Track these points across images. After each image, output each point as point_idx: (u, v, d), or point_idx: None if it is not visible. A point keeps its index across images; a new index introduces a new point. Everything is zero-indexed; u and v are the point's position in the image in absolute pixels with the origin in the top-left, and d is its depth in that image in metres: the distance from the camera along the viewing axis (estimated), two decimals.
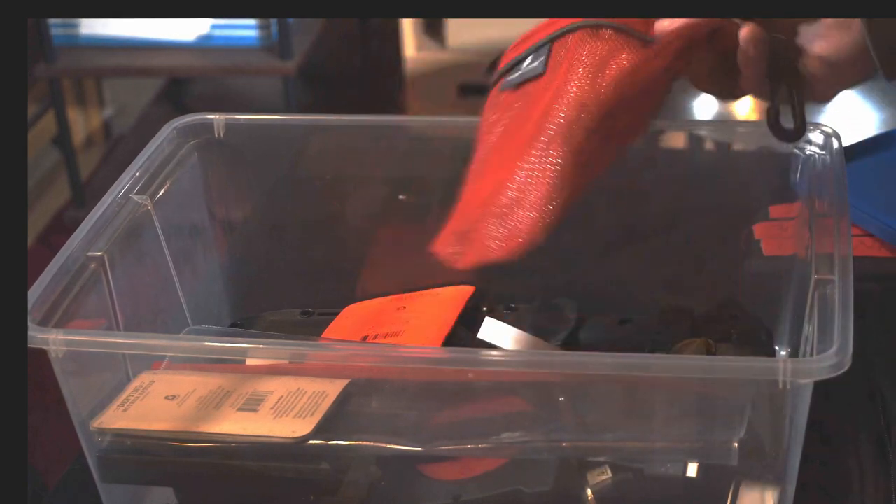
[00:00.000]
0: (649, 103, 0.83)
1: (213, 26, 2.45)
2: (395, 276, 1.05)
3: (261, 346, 0.81)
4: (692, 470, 0.81)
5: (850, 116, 1.32)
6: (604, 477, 0.82)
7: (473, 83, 2.61)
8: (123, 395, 0.86)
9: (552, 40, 0.83)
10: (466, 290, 1.02)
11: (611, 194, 1.04)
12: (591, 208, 1.05)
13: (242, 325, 1.04)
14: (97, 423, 0.84)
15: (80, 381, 0.84)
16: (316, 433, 0.82)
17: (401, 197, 1.07)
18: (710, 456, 0.80)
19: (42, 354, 0.79)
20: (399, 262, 1.07)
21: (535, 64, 0.84)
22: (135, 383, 0.86)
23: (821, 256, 0.83)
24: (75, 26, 2.49)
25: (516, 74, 0.85)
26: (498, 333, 0.91)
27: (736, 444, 0.79)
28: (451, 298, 1.01)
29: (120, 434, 0.84)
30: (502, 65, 0.88)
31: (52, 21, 2.46)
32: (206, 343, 0.82)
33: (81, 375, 0.83)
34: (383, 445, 0.82)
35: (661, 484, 0.81)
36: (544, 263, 1.07)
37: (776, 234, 1.02)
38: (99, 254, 0.88)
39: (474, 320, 0.96)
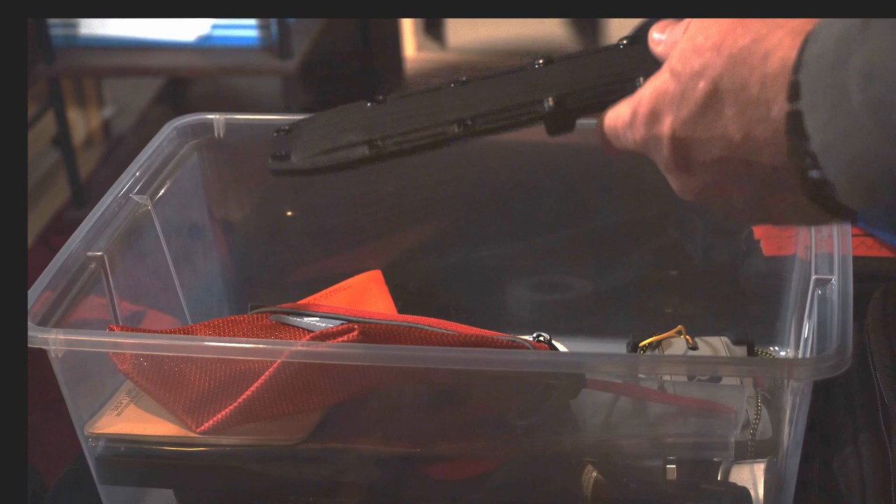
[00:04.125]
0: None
1: (213, 26, 2.45)
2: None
3: (261, 345, 0.81)
4: (689, 467, 0.81)
5: None
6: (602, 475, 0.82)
7: None
8: (116, 399, 0.86)
9: None
10: (376, 274, 1.03)
11: (610, 194, 1.05)
12: (590, 209, 1.05)
13: None
14: (91, 428, 0.83)
15: (80, 381, 0.83)
16: (314, 435, 0.82)
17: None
18: (707, 451, 0.80)
19: (42, 354, 0.79)
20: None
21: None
22: (127, 385, 0.86)
23: (821, 256, 0.83)
24: (75, 26, 2.49)
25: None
26: None
27: (733, 440, 0.79)
28: (367, 285, 1.01)
29: (115, 439, 0.84)
30: None
31: (52, 21, 2.46)
32: (206, 343, 0.82)
33: (81, 375, 0.83)
34: (381, 447, 0.82)
35: (660, 481, 0.81)
36: (542, 265, 1.07)
37: (776, 234, 1.02)
38: (99, 254, 0.88)
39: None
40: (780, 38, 0.58)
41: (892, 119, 0.52)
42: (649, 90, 0.64)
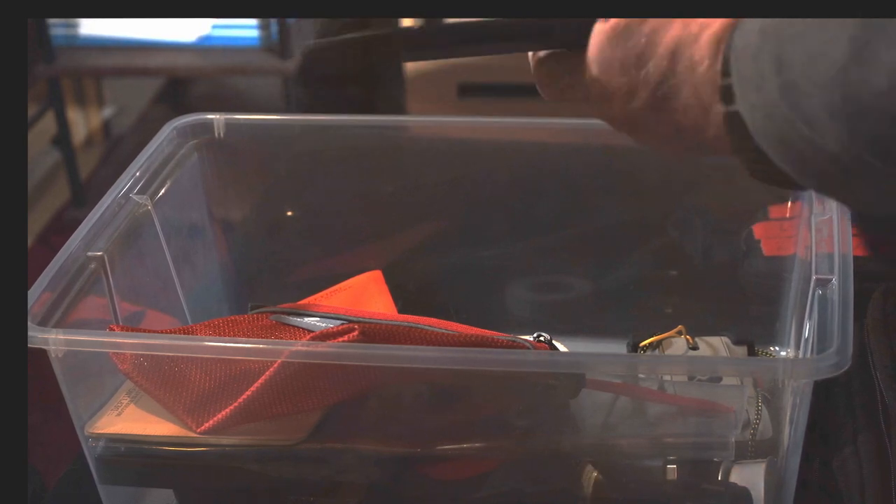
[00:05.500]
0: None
1: (213, 26, 2.45)
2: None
3: (261, 345, 0.81)
4: (689, 467, 0.81)
5: None
6: (602, 475, 0.82)
7: (473, 83, 2.61)
8: (116, 399, 0.86)
9: None
10: (377, 274, 1.03)
11: (610, 194, 1.05)
12: (590, 209, 1.05)
13: None
14: (91, 428, 0.83)
15: (80, 381, 0.83)
16: (313, 435, 0.82)
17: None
18: (708, 451, 0.80)
19: (42, 354, 0.79)
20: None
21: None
22: (127, 385, 0.86)
23: (821, 256, 0.83)
24: (75, 26, 2.49)
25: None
26: None
27: (733, 440, 0.79)
28: (367, 285, 1.01)
29: (115, 439, 0.84)
30: None
31: (52, 21, 2.46)
32: (206, 343, 0.82)
33: (81, 375, 0.83)
34: (381, 447, 0.82)
35: (660, 481, 0.81)
36: (542, 265, 1.07)
37: (776, 234, 1.02)
38: (99, 254, 0.88)
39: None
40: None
41: (801, 102, 0.53)
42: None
